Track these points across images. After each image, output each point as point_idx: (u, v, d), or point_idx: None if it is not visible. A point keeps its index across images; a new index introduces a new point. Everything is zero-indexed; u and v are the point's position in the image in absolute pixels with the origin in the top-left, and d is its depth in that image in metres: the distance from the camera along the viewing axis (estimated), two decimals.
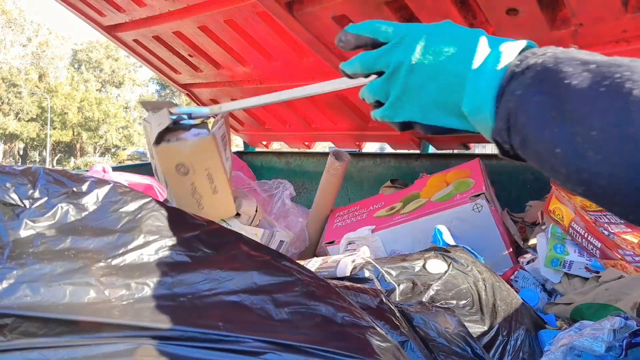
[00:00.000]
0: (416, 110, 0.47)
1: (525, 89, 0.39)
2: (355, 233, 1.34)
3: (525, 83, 0.39)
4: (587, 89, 0.35)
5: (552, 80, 0.37)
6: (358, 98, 1.89)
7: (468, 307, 0.81)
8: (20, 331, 0.42)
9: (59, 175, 0.57)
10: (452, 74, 0.44)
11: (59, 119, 28.26)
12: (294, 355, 0.48)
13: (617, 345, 0.64)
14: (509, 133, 0.40)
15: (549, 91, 0.37)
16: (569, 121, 0.35)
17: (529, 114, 0.38)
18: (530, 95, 0.38)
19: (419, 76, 0.46)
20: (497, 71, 0.42)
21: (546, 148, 0.37)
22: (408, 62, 0.46)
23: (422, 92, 0.46)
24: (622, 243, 0.98)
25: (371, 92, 0.51)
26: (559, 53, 0.41)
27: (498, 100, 0.41)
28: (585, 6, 1.01)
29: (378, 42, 0.50)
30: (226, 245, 0.60)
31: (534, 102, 0.38)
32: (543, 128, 0.37)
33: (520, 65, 0.41)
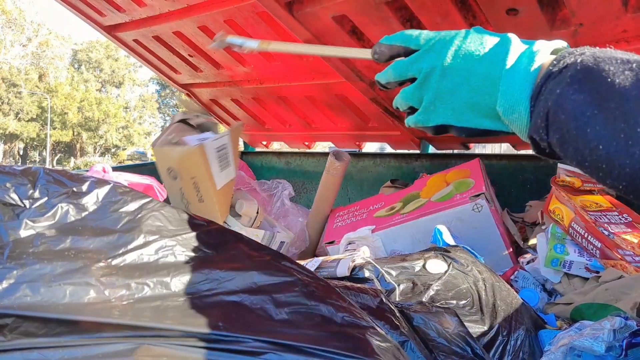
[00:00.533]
0: (449, 113, 0.48)
1: (565, 87, 0.39)
2: (355, 233, 1.34)
3: (564, 81, 0.40)
4: (631, 87, 0.35)
5: (593, 79, 0.38)
6: (358, 98, 1.89)
7: (468, 307, 0.81)
8: (20, 331, 0.42)
9: (59, 175, 0.57)
10: (484, 76, 0.45)
11: (59, 119, 28.26)
12: (294, 355, 0.48)
13: (617, 345, 0.64)
14: (547, 131, 0.41)
15: (590, 89, 0.38)
16: (613, 118, 0.36)
17: (569, 112, 0.38)
18: (570, 93, 0.39)
19: (451, 80, 0.47)
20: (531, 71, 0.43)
21: (588, 145, 0.37)
22: (440, 66, 0.47)
23: (455, 95, 0.47)
24: (622, 243, 0.98)
25: (404, 99, 0.52)
26: (598, 52, 0.41)
27: (534, 99, 0.42)
28: (585, 6, 1.01)
29: (410, 49, 0.52)
30: (226, 245, 0.60)
31: (575, 100, 0.38)
32: (585, 125, 0.37)
33: (558, 64, 0.42)
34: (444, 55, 0.47)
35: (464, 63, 0.46)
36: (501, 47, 0.45)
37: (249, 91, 2.03)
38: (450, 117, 0.49)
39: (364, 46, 1.42)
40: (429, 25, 1.23)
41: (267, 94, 2.00)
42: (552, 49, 0.45)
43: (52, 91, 27.65)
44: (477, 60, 0.46)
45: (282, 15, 1.36)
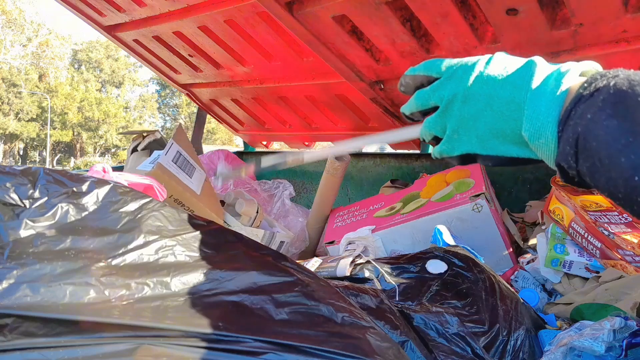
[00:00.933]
0: (474, 141, 0.46)
1: (597, 112, 0.37)
2: (355, 233, 1.34)
3: (596, 106, 0.37)
4: None
5: (628, 104, 0.35)
6: (358, 98, 1.89)
7: (468, 307, 0.81)
8: (20, 331, 0.42)
9: (59, 175, 0.57)
10: (508, 100, 0.43)
11: (59, 119, 28.27)
12: (294, 355, 0.48)
13: (617, 346, 0.64)
14: (576, 158, 0.38)
15: (625, 115, 0.35)
16: None
17: (601, 139, 0.36)
18: (603, 119, 0.36)
19: (473, 105, 0.45)
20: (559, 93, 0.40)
21: (622, 175, 0.35)
22: (461, 92, 0.46)
23: (478, 121, 0.45)
24: (622, 243, 0.98)
25: (428, 128, 0.50)
26: (633, 75, 0.38)
27: (562, 124, 0.40)
28: (585, 6, 1.01)
29: (432, 78, 0.51)
30: (226, 245, 0.60)
31: (608, 127, 0.36)
32: (619, 154, 0.35)
33: (589, 87, 0.39)
34: (466, 81, 0.46)
35: (487, 88, 0.44)
36: (526, 70, 0.43)
37: (249, 91, 2.03)
38: (475, 145, 0.46)
39: (364, 46, 1.42)
40: (429, 25, 1.23)
41: (267, 94, 2.00)
42: (582, 71, 0.43)
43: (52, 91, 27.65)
44: (500, 84, 0.44)
45: (282, 15, 1.36)
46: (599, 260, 1.01)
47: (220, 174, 0.97)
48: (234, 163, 2.13)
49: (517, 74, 0.43)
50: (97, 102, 28.95)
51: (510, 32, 1.16)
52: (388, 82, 1.55)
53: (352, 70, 1.53)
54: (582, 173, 0.39)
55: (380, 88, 1.57)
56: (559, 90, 0.41)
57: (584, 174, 0.39)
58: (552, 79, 0.41)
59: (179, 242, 0.56)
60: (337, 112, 1.94)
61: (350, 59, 1.50)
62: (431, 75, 0.51)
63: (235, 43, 1.72)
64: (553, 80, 0.41)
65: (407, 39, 1.31)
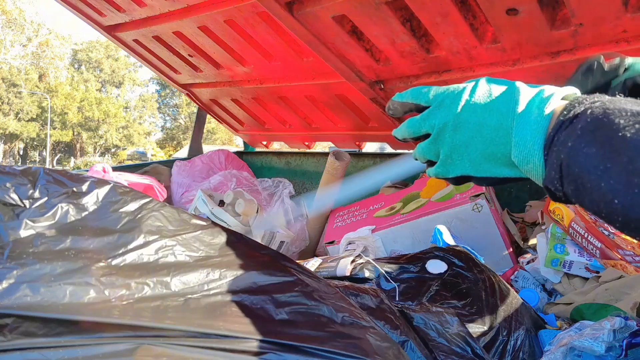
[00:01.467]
0: (467, 165, 0.48)
1: (577, 140, 0.39)
2: (355, 233, 1.34)
3: (575, 134, 0.40)
4: None
5: (605, 132, 0.38)
6: (358, 98, 1.88)
7: (468, 307, 0.81)
8: (20, 331, 0.42)
9: (59, 175, 0.57)
10: (496, 127, 0.45)
11: (59, 119, 28.27)
12: (294, 355, 0.48)
13: (617, 346, 0.64)
14: (561, 182, 0.41)
15: (602, 143, 0.38)
16: (626, 173, 0.36)
17: (582, 165, 0.39)
18: (582, 146, 0.39)
19: (464, 133, 0.47)
20: (542, 120, 0.43)
21: (603, 198, 0.38)
22: (451, 121, 0.48)
23: (470, 147, 0.48)
24: (622, 243, 0.98)
25: (421, 154, 0.53)
26: (607, 103, 0.40)
27: (547, 149, 0.42)
28: (585, 6, 1.01)
29: (421, 106, 0.53)
30: (226, 245, 0.60)
31: (587, 154, 0.38)
32: (599, 179, 0.37)
33: (568, 114, 0.41)
34: (455, 109, 0.48)
35: (475, 116, 0.47)
36: (510, 96, 0.45)
37: (249, 91, 2.03)
38: (468, 169, 0.49)
39: (364, 46, 1.42)
40: (429, 25, 1.23)
41: (267, 94, 2.00)
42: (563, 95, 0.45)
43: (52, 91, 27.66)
44: (487, 112, 0.46)
45: (282, 15, 1.36)
46: (599, 260, 1.01)
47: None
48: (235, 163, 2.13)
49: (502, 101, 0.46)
50: (97, 102, 28.94)
51: (510, 32, 1.16)
52: (388, 82, 1.55)
53: (352, 70, 1.53)
54: (567, 194, 0.42)
55: (380, 88, 1.57)
56: (543, 116, 0.43)
57: (570, 195, 0.41)
58: (535, 105, 0.44)
59: (179, 242, 0.56)
60: (337, 112, 1.94)
61: (350, 59, 1.50)
62: (420, 104, 0.53)
63: (235, 43, 1.72)
64: (536, 107, 0.44)
65: (407, 39, 1.31)
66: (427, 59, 1.37)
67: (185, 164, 2.13)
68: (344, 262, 0.94)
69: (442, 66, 1.39)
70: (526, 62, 1.24)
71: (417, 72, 1.45)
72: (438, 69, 1.40)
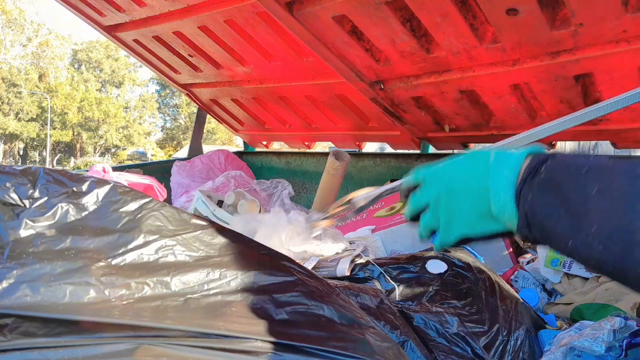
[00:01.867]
0: (464, 226, 0.56)
1: (535, 193, 0.47)
2: (355, 233, 1.34)
3: (533, 188, 0.47)
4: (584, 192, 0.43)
5: (555, 186, 0.45)
6: (358, 98, 1.88)
7: (468, 307, 0.81)
8: (20, 331, 0.42)
9: (59, 175, 0.56)
10: (478, 189, 0.53)
11: (59, 119, 28.27)
12: (294, 355, 0.48)
13: (617, 346, 0.64)
14: (529, 230, 0.48)
15: (555, 195, 0.45)
16: (573, 219, 0.43)
17: (541, 215, 0.46)
18: (539, 199, 0.46)
19: (455, 199, 0.56)
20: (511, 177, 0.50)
21: (561, 241, 0.45)
22: (443, 192, 0.57)
23: (463, 210, 0.55)
24: None
25: (425, 225, 0.61)
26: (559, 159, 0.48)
27: (516, 202, 0.49)
28: (585, 6, 1.01)
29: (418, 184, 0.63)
30: (226, 245, 0.60)
31: (544, 204, 0.46)
32: (555, 226, 0.45)
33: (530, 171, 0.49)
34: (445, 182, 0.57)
35: (461, 183, 0.55)
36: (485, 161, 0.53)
37: (249, 91, 2.03)
38: (465, 230, 0.56)
39: (364, 46, 1.42)
40: (429, 25, 1.23)
41: (267, 94, 2.00)
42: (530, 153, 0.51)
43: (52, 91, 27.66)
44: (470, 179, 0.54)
45: (282, 15, 1.36)
46: None
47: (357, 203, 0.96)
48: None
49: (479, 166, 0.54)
50: (97, 102, 28.93)
51: (510, 32, 1.16)
52: (388, 82, 1.55)
53: (352, 70, 1.53)
54: (537, 239, 0.49)
55: (380, 88, 1.57)
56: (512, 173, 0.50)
57: (539, 240, 0.48)
58: (505, 165, 0.51)
59: (179, 241, 0.56)
60: (337, 112, 1.94)
61: (350, 59, 1.50)
62: (417, 182, 0.62)
63: (235, 43, 1.72)
64: (506, 166, 0.51)
65: (407, 39, 1.31)
66: (427, 59, 1.37)
67: (185, 164, 2.13)
68: (343, 262, 0.94)
69: (442, 66, 1.39)
70: (526, 62, 1.24)
71: (417, 72, 1.45)
72: (438, 69, 1.40)
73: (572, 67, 1.19)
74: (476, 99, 1.49)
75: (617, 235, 0.40)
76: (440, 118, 1.67)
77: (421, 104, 1.62)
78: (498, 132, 1.58)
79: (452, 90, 1.45)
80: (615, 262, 0.41)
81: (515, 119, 1.49)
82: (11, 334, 0.42)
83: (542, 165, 0.48)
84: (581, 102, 1.30)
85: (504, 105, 1.44)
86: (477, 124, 1.59)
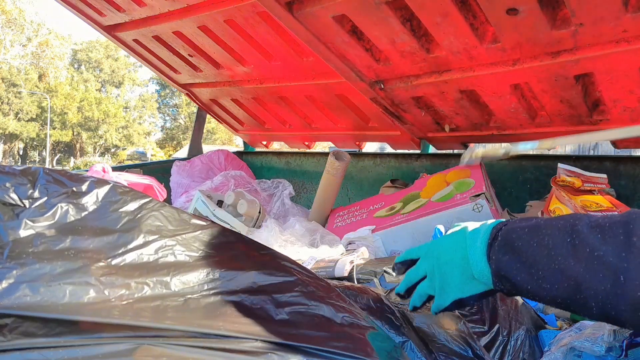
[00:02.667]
0: (456, 290, 0.65)
1: (497, 255, 0.58)
2: (355, 233, 1.34)
3: (495, 251, 0.59)
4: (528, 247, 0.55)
5: (509, 246, 0.57)
6: (358, 98, 1.88)
7: (468, 307, 0.81)
8: (20, 331, 0.42)
9: (58, 175, 0.56)
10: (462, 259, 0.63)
11: (59, 119, 28.26)
12: (294, 355, 0.48)
13: (618, 346, 0.64)
14: (501, 284, 0.59)
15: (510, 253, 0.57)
16: (525, 268, 0.55)
17: (505, 269, 0.57)
18: (500, 257, 0.58)
19: (446, 268, 0.65)
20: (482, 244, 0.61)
21: (523, 287, 0.56)
22: (436, 263, 0.67)
23: (454, 276, 0.64)
24: None
25: (420, 294, 0.69)
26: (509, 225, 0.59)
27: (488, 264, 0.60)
28: (585, 6, 1.01)
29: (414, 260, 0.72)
30: (226, 245, 0.60)
31: (504, 261, 0.57)
32: (515, 276, 0.56)
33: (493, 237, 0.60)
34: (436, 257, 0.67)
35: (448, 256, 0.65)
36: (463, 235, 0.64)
37: (249, 91, 2.03)
38: (458, 293, 0.64)
39: (364, 46, 1.42)
40: (429, 25, 1.23)
41: (267, 94, 2.00)
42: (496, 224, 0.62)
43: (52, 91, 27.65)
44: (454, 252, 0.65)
45: (282, 15, 1.36)
46: None
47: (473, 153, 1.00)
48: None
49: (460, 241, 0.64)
50: (97, 102, 28.91)
51: (510, 32, 1.15)
52: (388, 82, 1.55)
53: (352, 70, 1.53)
54: (510, 291, 0.59)
55: (380, 88, 1.57)
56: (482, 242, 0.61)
57: (511, 291, 0.59)
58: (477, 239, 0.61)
59: (178, 242, 0.56)
60: (337, 112, 1.94)
61: (350, 59, 1.50)
62: (413, 259, 0.72)
63: (235, 43, 1.72)
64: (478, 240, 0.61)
65: (407, 39, 1.31)
66: (427, 59, 1.37)
67: (185, 164, 2.13)
68: (342, 262, 0.94)
69: (442, 66, 1.39)
70: (526, 62, 1.24)
71: (417, 72, 1.45)
72: (438, 68, 1.40)
73: (572, 67, 1.19)
74: (476, 99, 1.49)
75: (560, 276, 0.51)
76: (440, 118, 1.67)
77: (421, 104, 1.62)
78: (498, 132, 1.58)
79: (452, 90, 1.45)
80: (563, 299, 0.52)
81: (515, 118, 1.49)
82: (11, 334, 0.42)
83: (499, 232, 0.59)
84: (581, 102, 1.30)
85: (504, 105, 1.44)
86: (477, 124, 1.59)
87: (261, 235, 1.27)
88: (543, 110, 1.44)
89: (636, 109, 1.25)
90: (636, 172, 1.46)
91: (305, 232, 1.37)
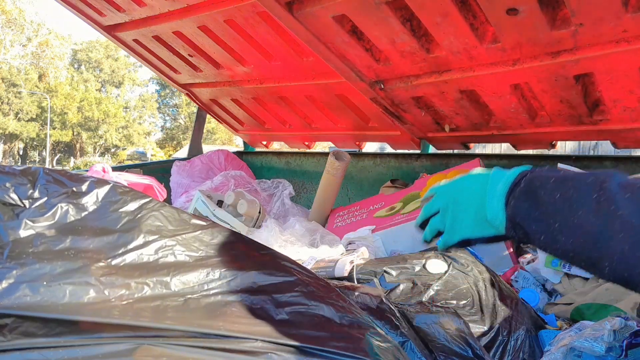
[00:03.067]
0: (465, 229, 0.66)
1: (516, 200, 0.59)
2: (355, 233, 1.34)
3: (515, 196, 0.59)
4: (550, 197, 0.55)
5: (531, 193, 0.57)
6: (358, 98, 1.88)
7: (468, 307, 0.81)
8: (20, 331, 0.42)
9: (58, 175, 0.56)
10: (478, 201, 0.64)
11: (59, 119, 28.26)
12: (294, 355, 0.48)
13: (618, 346, 0.64)
14: (514, 230, 0.59)
15: (530, 200, 0.57)
16: (543, 217, 0.55)
17: (521, 216, 0.58)
18: (519, 204, 0.58)
19: (460, 207, 0.66)
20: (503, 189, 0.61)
21: (536, 236, 0.56)
22: (451, 201, 0.68)
23: (465, 216, 0.66)
24: None
25: (432, 227, 0.71)
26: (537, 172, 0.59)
27: (506, 209, 0.60)
28: (586, 6, 1.01)
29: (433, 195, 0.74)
30: (226, 245, 0.60)
31: (523, 208, 0.57)
32: (531, 224, 0.56)
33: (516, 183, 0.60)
34: (452, 193, 0.68)
35: (465, 196, 0.66)
36: (485, 178, 0.64)
37: (249, 91, 2.03)
38: (467, 232, 0.65)
39: (364, 46, 1.42)
40: (429, 25, 1.23)
41: (267, 94, 2.00)
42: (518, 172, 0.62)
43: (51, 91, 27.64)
44: (472, 192, 0.65)
45: (282, 15, 1.36)
46: None
47: None
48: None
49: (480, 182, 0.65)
50: (97, 102, 28.91)
51: (510, 32, 1.15)
52: (388, 82, 1.55)
53: (352, 70, 1.53)
54: (521, 239, 0.59)
55: (380, 88, 1.57)
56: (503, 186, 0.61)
57: (522, 239, 0.59)
58: (500, 181, 0.62)
59: (178, 242, 0.56)
60: (337, 112, 1.94)
61: (350, 59, 1.50)
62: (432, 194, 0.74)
63: (235, 43, 1.72)
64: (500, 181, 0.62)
65: (407, 39, 1.31)
66: (427, 59, 1.37)
67: (185, 164, 2.13)
68: (342, 262, 0.94)
69: (442, 66, 1.39)
70: (526, 62, 1.24)
71: (417, 72, 1.45)
72: (438, 68, 1.40)
73: (572, 67, 1.19)
74: (476, 99, 1.49)
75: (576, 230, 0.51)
76: (440, 118, 1.67)
77: (421, 104, 1.62)
78: (498, 132, 1.58)
79: (452, 90, 1.45)
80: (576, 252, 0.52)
81: (515, 118, 1.49)
82: (11, 334, 0.42)
83: (522, 178, 0.59)
84: (581, 102, 1.30)
85: (504, 105, 1.44)
86: (477, 124, 1.59)
87: (261, 235, 1.27)
88: (543, 110, 1.44)
89: (636, 109, 1.25)
90: (636, 172, 1.46)
91: (305, 232, 1.37)
